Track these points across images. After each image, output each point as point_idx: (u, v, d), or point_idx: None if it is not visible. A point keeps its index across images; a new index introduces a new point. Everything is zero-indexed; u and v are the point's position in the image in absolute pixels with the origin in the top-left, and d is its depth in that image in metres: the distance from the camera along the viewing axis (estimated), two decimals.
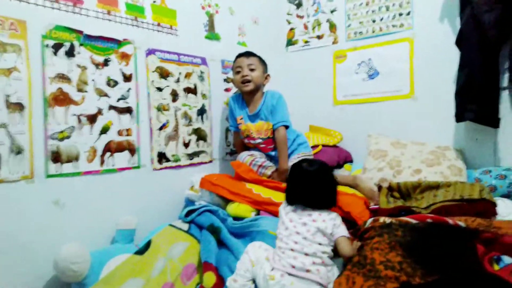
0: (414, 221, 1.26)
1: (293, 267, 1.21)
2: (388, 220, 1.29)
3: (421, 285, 0.95)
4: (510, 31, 1.78)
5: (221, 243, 1.47)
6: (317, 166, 1.38)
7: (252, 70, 1.95)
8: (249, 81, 1.94)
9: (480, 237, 1.14)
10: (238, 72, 1.98)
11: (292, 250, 1.24)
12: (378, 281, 0.99)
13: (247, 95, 2.01)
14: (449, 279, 0.99)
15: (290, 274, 1.20)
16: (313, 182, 1.35)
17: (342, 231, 1.30)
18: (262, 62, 2.04)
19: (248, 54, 2.00)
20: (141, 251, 1.40)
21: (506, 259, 1.08)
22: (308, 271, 1.19)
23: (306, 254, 1.23)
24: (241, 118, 2.02)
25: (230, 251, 1.40)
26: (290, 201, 1.38)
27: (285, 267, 1.21)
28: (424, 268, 1.01)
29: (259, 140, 1.98)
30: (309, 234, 1.26)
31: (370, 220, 1.36)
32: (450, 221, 1.21)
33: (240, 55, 2.01)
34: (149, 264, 1.34)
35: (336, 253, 1.29)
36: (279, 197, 1.58)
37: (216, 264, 1.36)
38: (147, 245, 1.43)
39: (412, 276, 0.99)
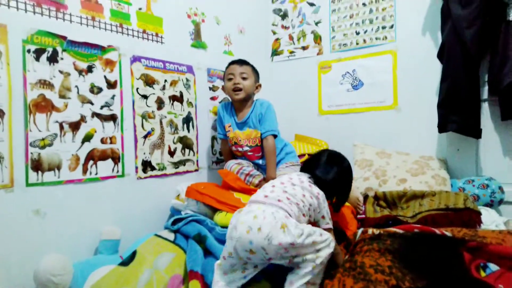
0: (401, 231, 1.28)
1: (266, 196, 1.18)
2: (376, 231, 1.31)
3: None
4: (488, 46, 1.85)
5: (207, 252, 1.43)
6: (346, 162, 1.44)
7: (244, 78, 1.94)
8: (240, 90, 1.93)
9: (466, 245, 1.16)
10: (230, 79, 1.96)
11: (273, 186, 1.23)
12: (368, 284, 0.99)
13: (237, 103, 2.00)
14: (438, 284, 1.00)
15: (258, 202, 1.16)
16: (334, 163, 1.39)
17: (330, 221, 1.30)
18: (255, 72, 2.03)
19: (242, 62, 1.99)
20: (125, 262, 1.35)
21: (493, 266, 1.11)
22: (279, 200, 1.15)
23: (285, 191, 1.19)
24: (230, 126, 2.01)
25: (216, 258, 1.37)
26: (305, 170, 1.39)
27: (257, 198, 1.19)
28: (414, 273, 1.02)
29: (247, 148, 1.97)
30: (299, 184, 1.24)
31: (359, 232, 1.37)
32: (437, 231, 1.23)
33: (233, 62, 2.00)
34: (134, 276, 1.30)
35: None
36: None
37: (202, 272, 1.32)
38: (132, 256, 1.38)
39: (402, 280, 0.99)
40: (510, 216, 1.71)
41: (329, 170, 1.37)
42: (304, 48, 2.55)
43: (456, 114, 1.84)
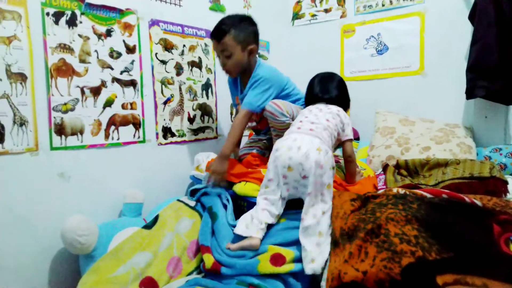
0: (429, 195, 1.23)
1: (299, 128, 1.39)
2: (402, 190, 1.26)
3: (437, 261, 0.93)
4: None
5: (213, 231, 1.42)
6: (334, 73, 1.68)
7: (227, 57, 1.63)
8: (229, 70, 1.70)
9: (496, 217, 1.11)
10: (218, 56, 1.71)
11: (300, 121, 1.43)
12: (393, 256, 0.97)
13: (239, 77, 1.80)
14: (465, 258, 0.97)
15: (294, 132, 1.37)
16: (330, 82, 1.63)
17: (350, 133, 1.52)
18: (240, 36, 1.61)
19: (218, 37, 1.61)
20: (149, 226, 1.38)
21: None
22: (311, 130, 1.36)
23: (312, 123, 1.40)
24: (238, 99, 1.87)
25: (217, 241, 1.36)
26: (311, 102, 1.59)
27: (292, 130, 1.40)
28: (440, 244, 0.99)
29: (254, 123, 1.87)
30: (320, 113, 1.45)
31: (382, 190, 1.34)
32: (467, 198, 1.17)
33: (211, 36, 1.66)
34: (157, 239, 1.33)
35: None
36: None
37: (211, 248, 1.34)
38: (155, 220, 1.41)
39: (428, 251, 0.96)
40: None
41: (330, 89, 1.60)
42: (326, 10, 2.45)
43: (486, 79, 1.75)
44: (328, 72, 1.68)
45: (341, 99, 1.61)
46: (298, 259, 1.21)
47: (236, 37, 1.61)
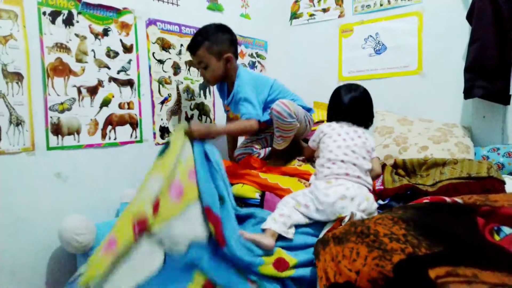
0: (411, 204, 1.25)
1: (347, 174, 1.37)
2: None
3: (428, 255, 0.94)
4: None
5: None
6: (362, 89, 1.60)
7: (204, 68, 1.66)
8: (208, 80, 1.74)
9: (479, 211, 1.12)
10: (196, 67, 1.86)
11: (342, 161, 1.39)
12: (384, 254, 0.97)
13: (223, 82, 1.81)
14: (455, 250, 0.98)
15: (343, 178, 1.36)
16: (359, 101, 1.57)
17: (374, 153, 1.52)
18: (213, 49, 1.62)
19: (193, 49, 1.65)
20: (161, 152, 1.33)
21: (506, 230, 1.08)
22: (359, 177, 1.37)
23: (354, 165, 1.39)
24: (228, 106, 1.83)
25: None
26: (335, 119, 1.55)
27: (339, 175, 1.37)
28: (429, 239, 1.00)
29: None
30: (356, 148, 1.42)
31: None
32: (448, 199, 1.19)
33: (187, 49, 1.71)
34: (167, 163, 1.28)
35: None
36: (285, 182, 1.52)
37: (221, 220, 1.22)
38: (166, 145, 1.35)
39: (418, 247, 0.97)
40: None
41: (360, 110, 1.56)
42: (324, 10, 2.44)
43: (484, 78, 1.76)
44: (355, 85, 1.62)
45: (369, 119, 1.62)
46: (300, 265, 1.21)
47: (210, 48, 1.62)
